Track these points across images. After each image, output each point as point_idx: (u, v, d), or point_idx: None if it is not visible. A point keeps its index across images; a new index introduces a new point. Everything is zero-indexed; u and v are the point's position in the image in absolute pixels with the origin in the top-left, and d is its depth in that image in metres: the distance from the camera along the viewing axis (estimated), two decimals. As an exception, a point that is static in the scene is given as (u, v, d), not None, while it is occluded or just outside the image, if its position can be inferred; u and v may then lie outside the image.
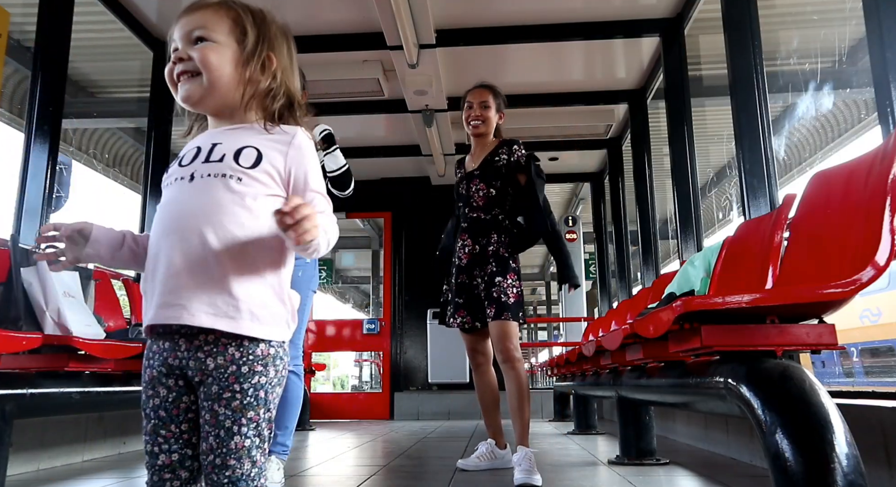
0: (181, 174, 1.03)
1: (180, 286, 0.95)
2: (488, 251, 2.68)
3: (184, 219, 0.98)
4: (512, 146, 2.74)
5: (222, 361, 0.96)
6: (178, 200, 1.01)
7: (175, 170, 1.05)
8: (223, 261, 0.96)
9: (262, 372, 0.97)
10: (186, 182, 1.01)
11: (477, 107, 2.78)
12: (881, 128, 2.20)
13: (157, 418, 0.98)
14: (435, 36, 4.15)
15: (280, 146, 1.04)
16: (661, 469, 2.60)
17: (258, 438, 0.96)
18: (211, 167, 1.01)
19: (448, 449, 3.50)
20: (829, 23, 4.35)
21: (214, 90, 1.04)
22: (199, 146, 1.05)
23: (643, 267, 5.12)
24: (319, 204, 1.04)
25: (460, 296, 2.70)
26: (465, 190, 2.81)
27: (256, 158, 1.02)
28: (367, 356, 12.04)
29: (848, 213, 1.70)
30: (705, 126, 5.41)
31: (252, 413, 0.95)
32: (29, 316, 2.67)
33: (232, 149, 1.02)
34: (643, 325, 1.88)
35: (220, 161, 1.01)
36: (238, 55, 1.06)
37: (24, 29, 3.82)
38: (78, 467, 2.97)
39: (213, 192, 0.99)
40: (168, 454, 0.97)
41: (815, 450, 1.32)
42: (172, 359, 0.98)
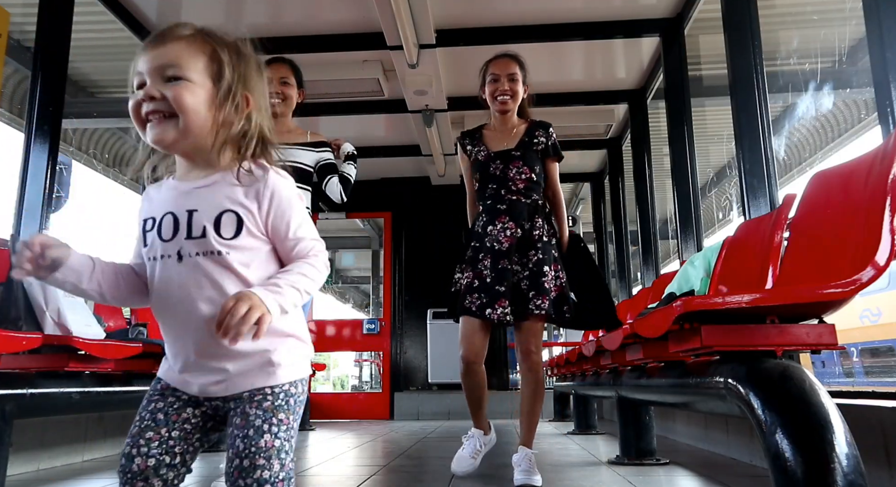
0: (167, 251, 1.00)
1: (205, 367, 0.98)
2: (533, 236, 2.46)
3: (185, 306, 0.99)
4: (549, 129, 2.59)
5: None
6: (175, 284, 1.00)
7: (157, 243, 1.01)
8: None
9: (293, 384, 1.02)
10: (175, 261, 0.99)
11: (505, 80, 2.54)
12: (881, 128, 2.20)
13: (152, 419, 0.98)
14: (435, 36, 4.15)
15: (254, 198, 1.01)
16: (661, 469, 2.60)
17: (287, 442, 0.96)
18: (196, 245, 0.99)
19: (448, 449, 3.50)
20: (829, 23, 4.35)
21: (189, 133, 1.00)
22: (173, 214, 1.01)
23: (643, 267, 5.12)
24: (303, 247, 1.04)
25: (501, 284, 2.39)
26: (499, 171, 2.54)
27: (237, 226, 1.00)
28: (367, 356, 12.03)
29: (848, 213, 1.70)
30: (705, 126, 5.41)
31: (283, 415, 0.97)
32: (29, 316, 2.68)
33: (210, 217, 0.99)
34: (643, 325, 1.88)
35: (203, 236, 0.99)
36: (213, 95, 1.01)
37: (24, 29, 3.82)
38: (78, 467, 2.97)
39: (207, 273, 0.99)
40: (145, 458, 0.96)
41: (816, 450, 1.32)
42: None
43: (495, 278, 2.41)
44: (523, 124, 2.64)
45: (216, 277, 0.98)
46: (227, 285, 0.98)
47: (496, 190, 2.54)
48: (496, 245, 2.46)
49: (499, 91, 2.55)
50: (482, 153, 2.60)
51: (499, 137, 2.62)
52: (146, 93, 0.98)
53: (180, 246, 0.99)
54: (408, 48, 4.07)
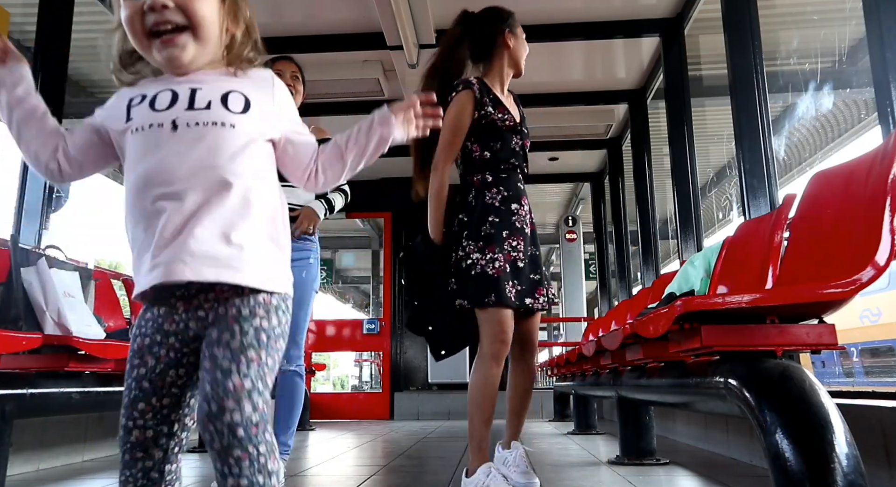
0: (157, 120, 0.92)
1: (180, 244, 0.88)
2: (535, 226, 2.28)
3: (176, 173, 0.89)
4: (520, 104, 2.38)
5: (222, 311, 0.90)
6: (166, 151, 0.90)
7: (145, 113, 0.93)
8: (223, 212, 0.90)
9: (265, 317, 0.91)
10: (168, 130, 0.91)
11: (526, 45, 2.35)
12: (881, 128, 2.20)
13: (140, 389, 0.93)
14: (435, 36, 4.15)
15: (263, 89, 0.99)
16: (661, 469, 2.60)
17: (260, 382, 0.87)
18: (198, 115, 0.91)
19: (448, 449, 3.50)
20: (829, 23, 4.35)
21: (206, 47, 0.94)
22: (172, 90, 0.94)
23: (643, 267, 5.12)
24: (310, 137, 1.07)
25: (536, 272, 2.17)
26: (518, 146, 2.24)
27: (245, 103, 0.95)
28: (367, 356, 12.04)
29: (848, 213, 1.70)
30: (705, 126, 5.41)
31: (252, 352, 0.88)
32: (29, 316, 2.67)
33: (217, 94, 0.94)
34: (643, 325, 1.88)
35: (208, 108, 0.92)
36: (219, 6, 0.96)
37: (24, 29, 3.82)
38: (78, 467, 2.97)
39: (207, 142, 0.91)
40: (143, 429, 0.92)
41: (816, 450, 1.32)
42: (169, 325, 0.93)
43: (530, 264, 2.16)
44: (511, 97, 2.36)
45: (217, 149, 0.91)
46: (230, 160, 0.91)
47: (515, 167, 2.23)
48: (525, 227, 2.19)
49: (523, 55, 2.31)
50: (506, 121, 2.20)
51: (507, 105, 2.26)
52: (155, 1, 0.89)
53: (176, 115, 0.91)
54: (408, 48, 4.07)
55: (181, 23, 0.91)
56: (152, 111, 0.92)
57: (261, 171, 0.96)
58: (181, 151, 0.90)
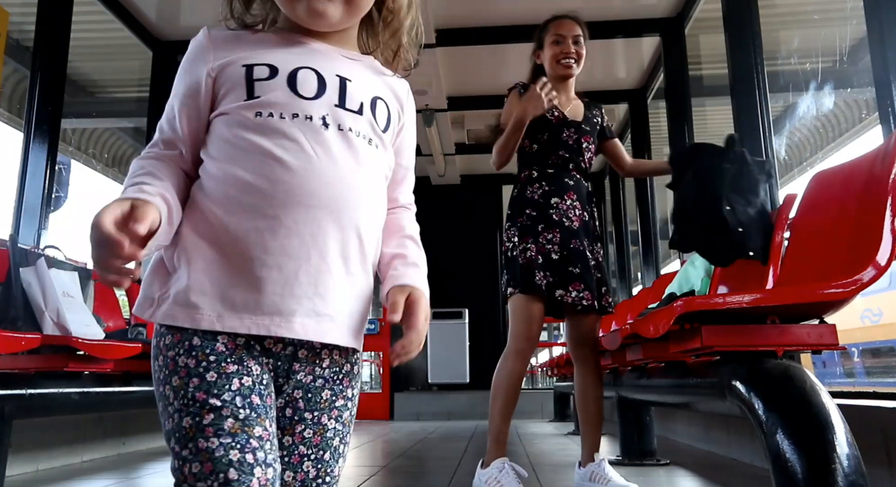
0: (306, 110, 0.70)
1: (330, 289, 0.69)
2: (596, 227, 2.27)
3: (326, 194, 0.68)
4: (602, 109, 2.43)
5: (337, 357, 0.74)
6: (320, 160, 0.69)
7: (286, 97, 0.70)
8: (363, 258, 0.73)
9: (358, 377, 0.78)
10: (321, 129, 0.70)
11: (570, 43, 2.31)
12: (882, 127, 2.20)
13: (249, 407, 0.63)
14: (435, 36, 4.14)
15: (396, 97, 0.81)
16: (662, 470, 2.59)
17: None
18: (354, 121, 0.72)
19: (448, 450, 3.49)
20: (829, 22, 4.35)
21: (359, 10, 0.75)
22: (316, 71, 0.72)
23: (643, 267, 5.12)
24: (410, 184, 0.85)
25: (574, 265, 2.12)
26: (572, 140, 2.28)
27: (387, 118, 0.77)
28: (367, 356, 12.04)
29: (848, 213, 1.70)
30: (705, 126, 5.40)
31: (351, 427, 0.76)
32: (28, 317, 2.67)
33: (368, 96, 0.75)
34: (643, 325, 1.88)
35: (360, 112, 0.73)
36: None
37: (24, 28, 3.82)
38: (78, 467, 2.97)
39: (367, 164, 0.72)
40: (265, 467, 0.62)
41: (816, 451, 1.31)
42: (271, 344, 0.70)
43: (567, 257, 2.13)
44: (576, 99, 2.40)
45: (371, 176, 0.73)
46: (377, 193, 0.75)
47: (566, 160, 2.26)
48: (566, 221, 2.18)
49: (563, 53, 2.31)
50: (554, 113, 2.28)
51: (562, 104, 2.33)
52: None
53: (327, 111, 0.71)
54: (408, 48, 4.06)
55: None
56: (297, 97, 0.71)
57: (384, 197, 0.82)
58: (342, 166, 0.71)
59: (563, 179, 2.25)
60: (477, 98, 5.39)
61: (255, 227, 0.67)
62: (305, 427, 0.70)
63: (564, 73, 2.32)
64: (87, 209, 0.82)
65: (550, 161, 2.27)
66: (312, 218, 0.68)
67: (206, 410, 0.62)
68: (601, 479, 2.04)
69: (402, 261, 0.77)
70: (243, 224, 0.67)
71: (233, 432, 0.61)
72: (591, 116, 2.38)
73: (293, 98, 0.70)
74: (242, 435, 0.61)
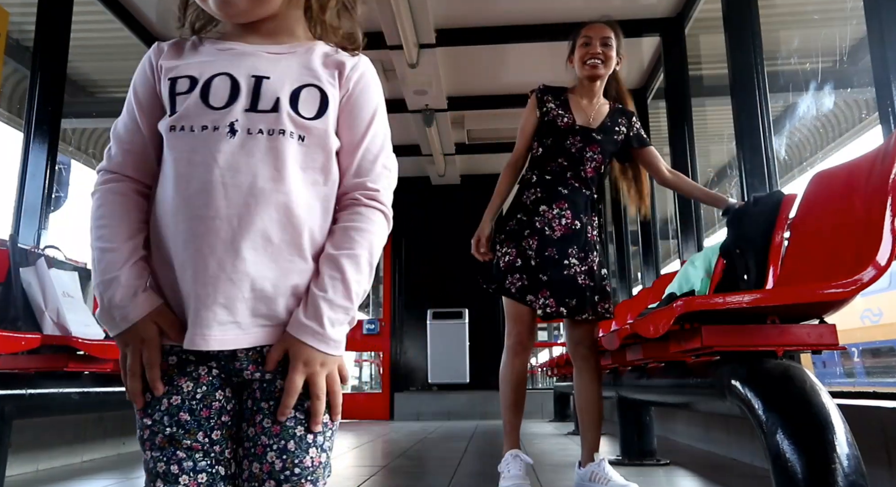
0: (212, 121, 0.71)
1: (235, 297, 0.70)
2: (592, 235, 2.29)
3: (227, 199, 0.70)
4: (632, 118, 2.40)
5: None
6: (217, 165, 0.70)
7: (198, 109, 0.72)
8: (284, 255, 0.72)
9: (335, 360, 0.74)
10: (224, 136, 0.70)
11: (597, 43, 2.34)
12: (882, 127, 2.20)
13: (177, 424, 0.70)
14: (435, 36, 4.15)
15: (335, 76, 0.77)
16: (662, 470, 2.59)
17: (331, 453, 0.74)
18: (262, 119, 0.72)
19: (448, 450, 3.49)
20: (829, 22, 4.35)
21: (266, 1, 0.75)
22: (231, 76, 0.73)
23: (643, 267, 5.12)
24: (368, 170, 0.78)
25: (545, 273, 2.18)
26: (575, 148, 2.28)
27: (321, 102, 0.75)
28: (366, 356, 12.04)
29: (848, 213, 1.70)
30: (705, 126, 5.40)
31: (327, 416, 0.72)
32: (28, 317, 2.67)
33: (288, 89, 0.74)
34: (643, 325, 1.87)
35: (274, 110, 0.72)
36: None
37: (24, 28, 3.82)
38: (77, 467, 2.97)
39: (270, 161, 0.71)
40: (193, 474, 0.69)
41: (816, 451, 1.31)
42: None
43: (540, 265, 2.19)
44: (606, 104, 2.41)
45: (282, 172, 0.71)
46: (295, 189, 0.72)
47: (564, 168, 2.29)
48: (547, 230, 2.23)
49: (589, 54, 2.33)
50: (564, 119, 2.30)
51: (582, 109, 2.35)
52: None
53: (235, 118, 0.71)
54: (408, 48, 4.06)
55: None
56: (205, 106, 0.72)
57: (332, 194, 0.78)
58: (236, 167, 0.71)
59: (557, 188, 2.28)
60: (477, 98, 5.39)
61: (173, 244, 0.71)
62: (263, 417, 0.71)
63: (590, 73, 2.33)
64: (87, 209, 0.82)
65: (549, 167, 2.31)
66: (214, 228, 0.69)
67: (144, 428, 0.72)
68: (601, 479, 2.06)
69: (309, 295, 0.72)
70: (163, 242, 0.72)
71: (161, 446, 0.70)
72: (613, 124, 2.35)
73: (203, 109, 0.72)
74: (169, 449, 0.70)
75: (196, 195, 0.70)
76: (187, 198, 0.70)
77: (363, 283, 0.75)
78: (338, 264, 0.73)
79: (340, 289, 0.72)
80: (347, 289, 0.73)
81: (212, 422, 0.72)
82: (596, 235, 2.32)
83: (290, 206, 0.72)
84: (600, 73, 2.34)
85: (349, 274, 0.72)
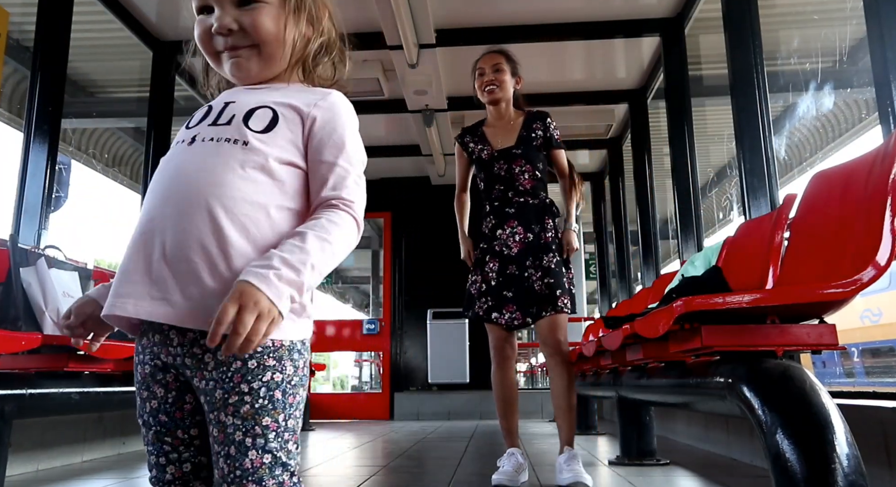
0: (183, 136, 0.87)
1: (166, 274, 0.77)
2: (546, 237, 2.47)
3: (175, 192, 0.81)
4: (546, 120, 2.58)
5: (223, 357, 0.76)
6: (174, 167, 0.84)
7: (181, 132, 0.89)
8: (221, 242, 0.77)
9: (276, 368, 0.78)
10: (185, 145, 0.85)
11: (489, 72, 2.55)
12: (881, 127, 2.20)
13: (158, 424, 0.81)
14: (435, 36, 4.14)
15: (304, 104, 0.87)
16: (662, 470, 2.59)
17: (282, 451, 0.77)
18: (216, 130, 0.85)
19: (448, 450, 3.49)
20: (829, 22, 4.35)
21: (273, 63, 0.90)
22: (210, 106, 0.90)
23: (643, 267, 5.12)
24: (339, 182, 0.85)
25: (509, 289, 2.43)
26: (504, 171, 2.53)
27: (271, 120, 0.85)
28: (366, 356, 12.04)
29: (848, 213, 1.70)
30: (705, 126, 5.40)
31: (268, 419, 0.76)
32: (28, 317, 2.67)
33: (244, 109, 0.86)
34: (643, 325, 1.88)
35: (228, 124, 0.85)
36: (285, 10, 0.89)
37: (24, 28, 3.82)
38: (77, 467, 2.97)
39: (212, 160, 0.82)
40: (178, 465, 0.81)
41: (816, 451, 1.31)
42: (165, 356, 0.80)
43: (503, 283, 2.44)
44: (520, 116, 2.61)
45: (221, 170, 0.80)
46: (231, 183, 0.80)
47: (503, 191, 2.54)
48: (505, 250, 2.48)
49: (484, 82, 2.56)
50: (485, 152, 2.59)
51: (499, 133, 2.60)
52: (221, 25, 0.86)
53: (198, 131, 0.86)
54: (408, 48, 4.07)
55: (248, 43, 0.88)
56: (185, 129, 0.88)
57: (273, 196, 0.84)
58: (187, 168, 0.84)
59: (504, 209, 2.53)
60: (477, 98, 5.39)
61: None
62: (212, 427, 0.78)
63: (489, 98, 2.58)
64: (87, 209, 0.82)
65: (493, 195, 2.58)
66: (158, 210, 0.81)
67: (140, 425, 0.85)
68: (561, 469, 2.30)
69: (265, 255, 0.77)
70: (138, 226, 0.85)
71: (152, 441, 0.83)
72: (529, 132, 2.57)
73: (184, 130, 0.88)
74: (157, 444, 0.82)
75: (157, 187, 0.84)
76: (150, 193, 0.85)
77: (321, 265, 0.78)
78: (304, 237, 0.78)
79: (297, 254, 0.75)
80: (305, 256, 0.76)
81: (186, 422, 0.82)
82: (551, 236, 2.49)
83: (239, 191, 0.81)
84: (497, 96, 2.57)
85: (311, 248, 0.77)
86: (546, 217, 2.51)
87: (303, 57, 0.93)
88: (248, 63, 0.89)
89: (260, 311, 0.70)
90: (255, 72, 0.90)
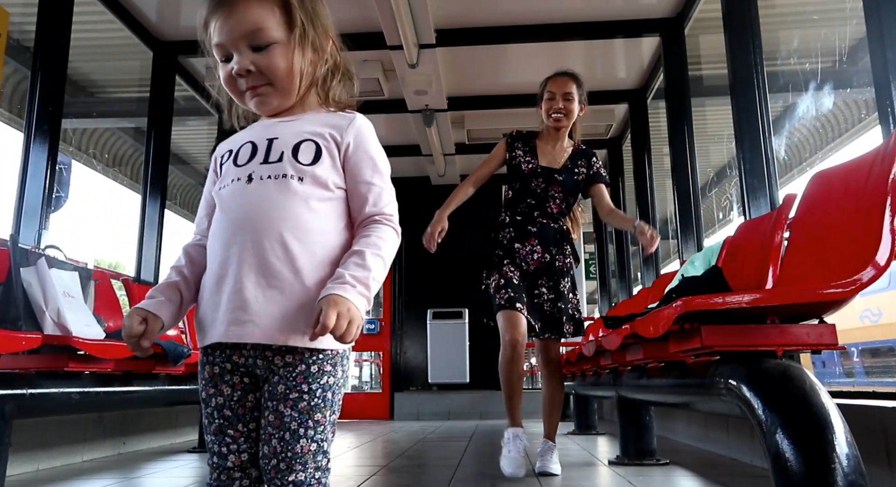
0: (238, 175, 0.97)
1: (249, 300, 0.90)
2: (564, 264, 2.60)
3: (246, 227, 0.93)
4: (591, 159, 2.70)
5: (291, 359, 0.91)
6: (240, 205, 0.95)
7: (230, 169, 0.98)
8: (292, 269, 0.91)
9: (331, 373, 0.93)
10: (244, 183, 0.95)
11: (560, 99, 2.61)
12: (881, 128, 2.20)
13: (223, 418, 0.94)
14: (435, 36, 4.15)
15: (336, 131, 1.00)
16: (662, 470, 2.59)
17: (325, 442, 0.92)
18: (270, 168, 0.96)
19: (448, 450, 3.50)
20: (829, 22, 4.35)
21: (290, 94, 1.00)
22: (253, 142, 0.99)
23: (643, 267, 5.12)
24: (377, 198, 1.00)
25: (526, 295, 2.59)
26: (540, 189, 2.64)
27: (316, 152, 0.97)
28: (366, 356, 12.04)
29: (848, 213, 1.70)
30: (705, 126, 5.40)
31: (319, 415, 0.91)
32: (28, 316, 2.67)
33: (290, 144, 0.97)
34: (643, 325, 1.88)
35: (280, 160, 0.96)
36: (291, 44, 0.98)
37: (24, 29, 3.82)
38: (78, 467, 2.97)
39: (275, 196, 0.94)
40: (238, 454, 0.94)
41: (816, 450, 1.31)
42: (238, 357, 0.94)
43: (521, 287, 2.55)
44: (571, 147, 2.72)
45: (284, 204, 0.93)
46: (297, 215, 0.93)
47: (531, 207, 2.64)
48: (524, 265, 2.59)
49: (553, 109, 2.63)
50: (530, 164, 2.66)
51: (548, 152, 2.70)
52: (240, 68, 0.96)
53: (252, 169, 0.96)
54: (408, 48, 4.07)
55: (266, 81, 0.98)
56: (235, 166, 0.98)
57: (332, 223, 0.98)
58: (252, 204, 0.95)
59: (527, 226, 2.62)
60: (477, 98, 5.40)
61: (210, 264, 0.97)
62: (269, 413, 0.91)
63: (555, 125, 2.66)
64: (87, 209, 0.82)
65: (519, 209, 2.66)
66: (232, 247, 0.93)
67: (204, 416, 0.97)
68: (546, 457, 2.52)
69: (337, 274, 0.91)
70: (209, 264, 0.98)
71: (214, 433, 0.95)
72: (574, 165, 2.68)
73: (233, 168, 0.98)
74: (220, 436, 0.94)
75: (223, 224, 0.96)
76: (218, 228, 0.97)
77: (380, 278, 0.93)
78: (363, 256, 0.92)
79: (362, 271, 0.90)
80: (367, 272, 0.91)
81: (247, 417, 0.95)
82: (569, 263, 2.62)
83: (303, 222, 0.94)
84: (563, 124, 2.66)
85: (371, 264, 0.92)
86: (564, 243, 2.63)
87: (313, 80, 1.04)
88: (269, 98, 0.99)
89: (352, 317, 0.86)
90: (277, 104, 1.01)
